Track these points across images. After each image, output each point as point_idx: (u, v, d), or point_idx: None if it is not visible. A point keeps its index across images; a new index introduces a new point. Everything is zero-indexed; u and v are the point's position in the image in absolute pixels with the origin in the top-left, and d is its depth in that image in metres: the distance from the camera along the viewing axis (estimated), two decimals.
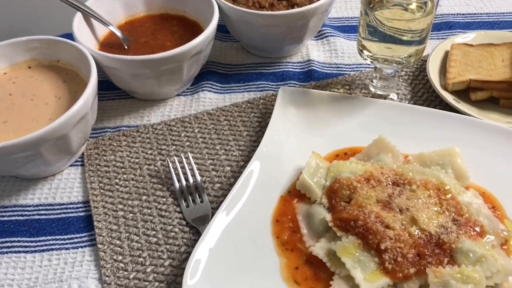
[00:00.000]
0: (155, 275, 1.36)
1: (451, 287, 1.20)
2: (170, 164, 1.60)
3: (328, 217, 1.39)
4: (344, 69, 1.99)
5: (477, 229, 1.34)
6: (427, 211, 1.34)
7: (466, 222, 1.34)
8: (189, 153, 1.63)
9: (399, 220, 1.32)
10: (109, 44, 1.89)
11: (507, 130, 1.58)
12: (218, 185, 1.58)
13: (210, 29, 1.72)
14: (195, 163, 1.64)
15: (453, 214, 1.35)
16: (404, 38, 1.59)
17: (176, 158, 1.61)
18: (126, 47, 1.85)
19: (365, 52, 1.71)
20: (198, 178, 1.57)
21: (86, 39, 1.75)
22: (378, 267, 1.27)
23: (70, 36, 1.71)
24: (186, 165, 1.60)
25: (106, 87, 1.93)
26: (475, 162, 1.54)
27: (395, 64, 1.69)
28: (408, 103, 1.81)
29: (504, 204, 1.45)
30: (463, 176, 1.49)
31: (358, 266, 1.27)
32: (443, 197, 1.38)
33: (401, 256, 1.26)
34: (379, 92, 1.83)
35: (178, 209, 1.52)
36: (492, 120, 1.65)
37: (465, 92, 1.78)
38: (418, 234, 1.29)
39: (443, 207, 1.36)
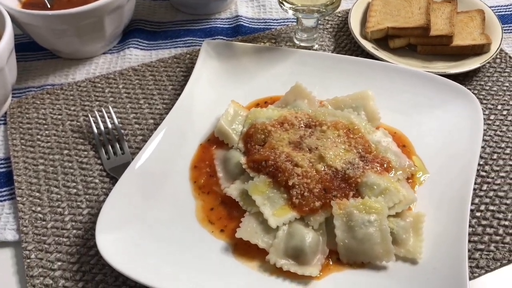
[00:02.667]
0: (73, 223, 1.38)
1: (354, 218, 1.26)
2: (91, 118, 1.60)
3: (243, 160, 1.42)
4: (271, 23, 2.01)
5: (385, 165, 1.39)
6: (335, 149, 1.39)
7: (373, 159, 1.39)
8: (110, 107, 1.64)
9: (308, 159, 1.37)
10: (31, 4, 1.86)
11: (418, 73, 1.64)
12: (141, 137, 1.60)
13: None
14: (118, 117, 1.65)
15: (360, 152, 1.40)
16: None
17: (97, 113, 1.62)
18: (49, 6, 1.82)
19: (286, 4, 1.74)
20: (119, 129, 1.58)
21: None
22: (286, 203, 1.32)
23: None
24: (107, 119, 1.60)
25: (31, 48, 1.91)
26: (389, 104, 1.60)
27: (316, 14, 1.72)
28: (331, 53, 1.85)
29: (414, 142, 1.51)
30: (375, 117, 1.54)
31: (267, 203, 1.31)
32: (352, 136, 1.43)
33: (308, 191, 1.30)
34: (303, 44, 1.87)
35: (99, 161, 1.53)
36: (410, 66, 1.70)
37: (385, 40, 1.82)
38: (325, 170, 1.34)
39: (351, 145, 1.41)
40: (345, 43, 1.90)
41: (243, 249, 1.29)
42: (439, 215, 1.32)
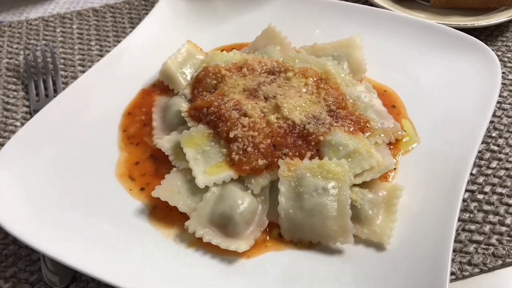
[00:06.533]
0: None
1: (305, 182, 0.95)
2: (27, 57, 1.37)
3: (184, 107, 1.15)
4: None
5: (361, 123, 1.08)
6: (297, 99, 1.08)
7: (346, 115, 1.08)
8: (50, 44, 1.40)
9: (260, 108, 1.07)
10: None
11: (421, 22, 1.31)
12: None
13: None
14: (62, 58, 1.41)
15: (331, 105, 1.09)
16: None
17: (35, 52, 1.38)
18: None
19: None
20: (57, 69, 1.35)
21: None
22: (224, 160, 1.03)
23: None
24: (46, 58, 1.37)
25: None
26: (381, 57, 1.28)
27: None
28: None
29: (407, 103, 1.19)
30: (359, 69, 1.23)
31: (200, 158, 1.03)
32: (323, 87, 1.12)
33: (252, 146, 1.01)
34: None
35: (28, 103, 1.30)
36: None
37: None
38: (279, 123, 1.04)
39: (320, 97, 1.10)
40: None
41: (163, 213, 1.01)
42: (423, 192, 1.00)
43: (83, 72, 1.37)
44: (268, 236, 0.96)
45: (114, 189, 1.06)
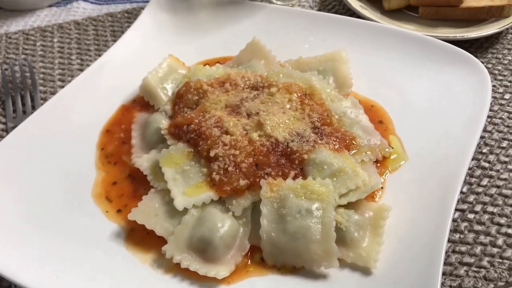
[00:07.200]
0: None
1: (288, 204, 0.91)
2: (5, 72, 1.33)
3: (164, 124, 1.11)
4: None
5: (346, 140, 1.04)
6: (280, 116, 1.05)
7: (332, 132, 1.05)
8: (28, 59, 1.37)
9: (242, 125, 1.03)
10: None
11: (410, 35, 1.28)
12: None
13: None
14: (41, 73, 1.37)
15: (315, 122, 1.05)
16: None
17: (16, 67, 1.35)
18: None
19: None
20: (36, 85, 1.31)
21: None
22: (205, 180, 0.98)
23: None
24: (25, 74, 1.33)
25: None
26: (368, 71, 1.25)
27: None
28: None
29: (395, 118, 1.15)
30: (345, 83, 1.19)
31: (180, 178, 0.99)
32: (307, 103, 1.08)
33: (234, 166, 0.97)
34: (280, 3, 1.54)
35: (4, 120, 1.25)
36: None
37: (380, 0, 1.47)
38: (261, 141, 1.00)
39: (305, 113, 1.06)
40: (332, 4, 1.56)
41: (140, 237, 0.97)
42: (411, 212, 0.96)
43: (63, 87, 1.33)
44: (249, 261, 0.92)
45: (90, 211, 1.01)
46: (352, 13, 1.45)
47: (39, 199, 1.02)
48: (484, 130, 1.15)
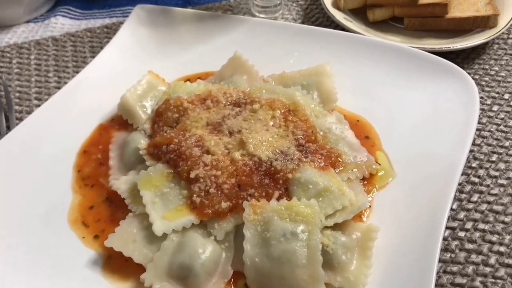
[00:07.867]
0: None
1: (272, 227, 0.87)
2: None
3: (143, 144, 1.06)
4: None
5: (332, 158, 1.01)
6: (263, 133, 1.01)
7: (316, 150, 1.01)
8: (4, 79, 1.32)
9: (224, 144, 1.00)
10: None
11: (395, 46, 1.26)
12: None
13: None
14: (17, 91, 1.33)
15: (300, 139, 1.02)
16: None
17: None
18: None
19: None
20: (11, 104, 1.27)
21: None
22: (185, 203, 0.94)
23: None
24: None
25: None
26: (353, 85, 1.22)
27: None
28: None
29: (381, 134, 1.12)
30: (330, 98, 1.16)
31: (159, 201, 0.94)
32: (291, 119, 1.05)
33: (215, 187, 0.93)
34: (263, 16, 1.51)
35: None
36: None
37: (364, 12, 1.45)
38: (244, 160, 0.96)
39: (289, 131, 1.03)
40: (316, 17, 1.53)
41: (118, 264, 0.92)
42: (400, 232, 0.93)
43: (39, 106, 1.28)
44: None
45: (66, 237, 0.97)
46: (336, 25, 1.42)
47: (12, 224, 0.98)
48: (473, 144, 1.12)
